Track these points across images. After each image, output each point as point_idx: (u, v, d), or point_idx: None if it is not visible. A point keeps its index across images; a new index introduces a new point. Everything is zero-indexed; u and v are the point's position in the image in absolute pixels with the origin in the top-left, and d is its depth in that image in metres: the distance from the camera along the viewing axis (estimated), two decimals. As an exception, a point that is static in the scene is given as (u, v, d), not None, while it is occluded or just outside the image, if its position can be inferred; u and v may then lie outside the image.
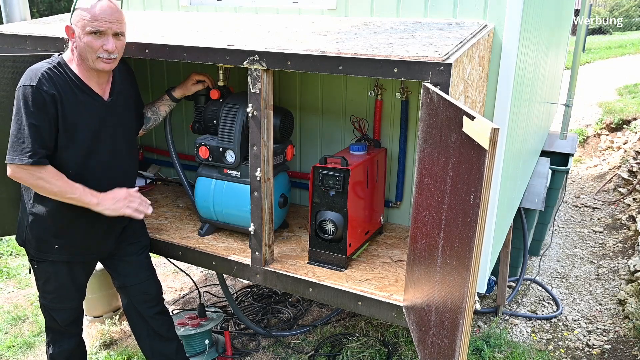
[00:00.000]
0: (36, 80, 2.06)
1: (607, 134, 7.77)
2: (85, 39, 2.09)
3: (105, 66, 2.16)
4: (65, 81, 2.14)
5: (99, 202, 2.18)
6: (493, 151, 1.24)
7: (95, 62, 2.13)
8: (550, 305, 4.07)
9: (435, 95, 1.69)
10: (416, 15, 2.51)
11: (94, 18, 2.07)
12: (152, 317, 2.61)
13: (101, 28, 2.08)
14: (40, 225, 2.27)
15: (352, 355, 3.33)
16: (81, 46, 2.11)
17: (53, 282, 2.38)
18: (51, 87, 2.08)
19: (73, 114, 2.14)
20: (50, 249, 2.30)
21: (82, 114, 2.17)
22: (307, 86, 3.10)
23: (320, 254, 2.52)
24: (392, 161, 2.97)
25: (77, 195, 2.14)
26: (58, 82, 2.11)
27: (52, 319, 2.48)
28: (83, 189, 2.16)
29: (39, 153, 2.05)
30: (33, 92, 2.04)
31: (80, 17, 2.08)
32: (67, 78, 2.15)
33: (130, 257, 2.55)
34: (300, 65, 2.08)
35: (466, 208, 1.39)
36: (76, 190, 2.14)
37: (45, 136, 2.08)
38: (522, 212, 4.02)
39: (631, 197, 5.90)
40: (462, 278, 1.41)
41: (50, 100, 2.07)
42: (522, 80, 2.66)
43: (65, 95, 2.12)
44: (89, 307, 3.59)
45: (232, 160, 2.68)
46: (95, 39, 2.09)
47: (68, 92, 2.13)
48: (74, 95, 2.15)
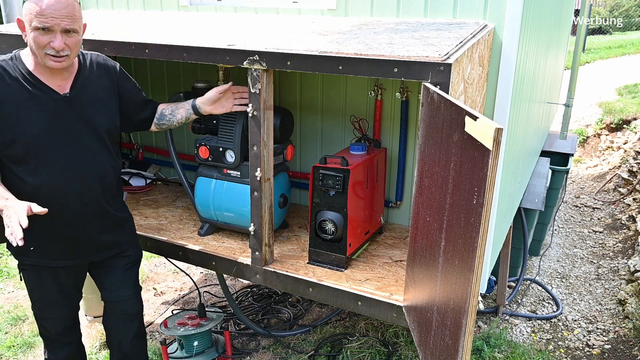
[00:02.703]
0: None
1: (607, 134, 7.78)
2: (32, 34, 1.97)
3: (55, 64, 2.02)
4: (13, 76, 2.05)
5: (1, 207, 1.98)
6: (496, 151, 1.23)
7: (44, 58, 2.01)
8: (550, 305, 4.07)
9: (436, 95, 1.68)
10: (416, 15, 2.51)
11: (40, 13, 1.93)
12: (128, 342, 2.51)
13: (47, 24, 1.94)
14: None
15: (352, 355, 3.33)
16: (29, 42, 2.00)
17: (38, 289, 2.32)
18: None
19: (19, 109, 2.04)
20: (26, 251, 2.21)
21: (31, 109, 2.06)
22: (307, 86, 3.09)
23: (320, 254, 2.52)
24: (392, 161, 2.97)
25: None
26: (4, 78, 2.03)
27: (43, 327, 2.42)
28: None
29: None
30: None
31: (28, 10, 1.95)
32: (18, 72, 2.06)
33: (116, 272, 2.43)
34: (300, 65, 2.08)
35: (469, 208, 1.38)
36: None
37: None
38: (522, 212, 4.02)
39: (631, 197, 5.91)
40: (465, 278, 1.41)
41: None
42: (522, 80, 2.66)
43: (10, 90, 2.03)
44: (89, 307, 3.58)
45: (232, 160, 2.67)
46: (42, 35, 1.96)
47: (15, 88, 2.04)
48: (24, 90, 2.05)
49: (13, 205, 1.97)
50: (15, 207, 1.96)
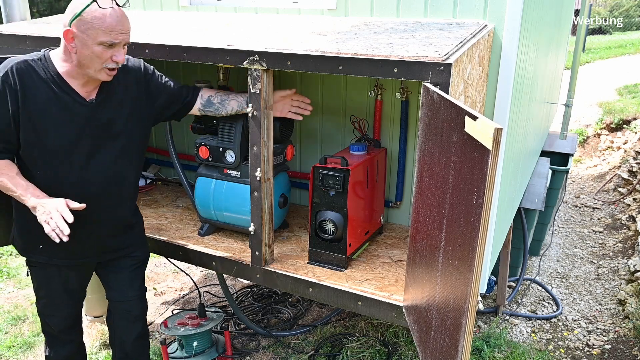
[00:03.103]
0: (3, 72, 1.99)
1: (607, 134, 7.78)
2: (95, 49, 1.96)
3: (108, 78, 2.06)
4: (42, 77, 2.03)
5: (34, 205, 2.01)
6: (496, 151, 1.23)
7: (99, 72, 2.02)
8: (550, 305, 4.07)
9: (436, 95, 1.69)
10: (416, 15, 2.51)
11: (109, 29, 1.94)
12: (130, 342, 2.52)
13: (116, 40, 1.97)
14: (24, 223, 2.20)
15: (352, 355, 3.33)
16: (85, 54, 1.98)
17: (44, 287, 2.33)
18: (16, 82, 1.99)
19: (43, 111, 2.04)
20: (35, 248, 2.22)
21: (56, 113, 2.06)
22: (307, 86, 3.09)
23: (320, 254, 2.52)
24: (392, 161, 2.97)
25: (17, 192, 2.03)
26: (31, 77, 2.02)
27: (46, 324, 2.42)
28: (26, 188, 2.03)
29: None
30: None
31: (90, 25, 1.93)
32: (47, 74, 2.04)
33: (122, 272, 2.43)
34: (300, 65, 2.08)
35: (469, 208, 1.38)
36: (18, 188, 2.03)
37: (3, 131, 2.01)
38: (522, 212, 4.02)
39: (631, 197, 5.91)
40: (464, 278, 1.41)
41: (12, 94, 1.98)
42: (522, 80, 2.66)
43: (37, 91, 2.02)
44: (90, 307, 3.58)
45: (232, 160, 2.67)
46: (106, 50, 1.97)
47: (43, 88, 2.03)
48: (51, 92, 2.04)
49: (49, 202, 2.01)
50: (52, 203, 1.99)
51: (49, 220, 1.97)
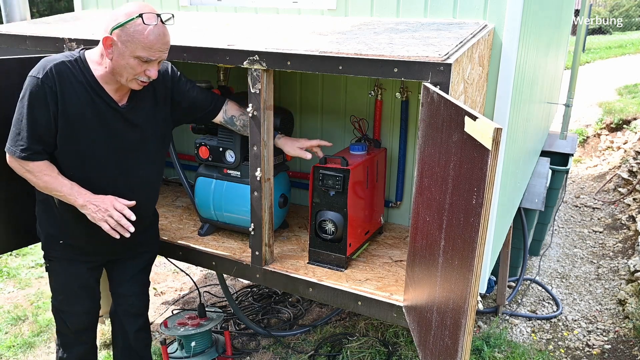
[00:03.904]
0: (43, 73, 1.98)
1: (607, 134, 7.78)
2: (130, 61, 1.97)
3: (138, 87, 2.08)
4: (78, 79, 2.04)
5: (84, 204, 2.06)
6: (496, 151, 1.23)
7: (130, 82, 2.04)
8: (550, 305, 4.07)
9: (436, 95, 1.69)
10: (416, 15, 2.51)
11: (148, 46, 1.95)
12: (132, 333, 2.55)
13: (153, 57, 1.99)
14: (46, 217, 2.24)
15: (352, 355, 3.33)
16: (120, 64, 1.99)
17: (62, 283, 2.34)
18: (56, 83, 1.99)
19: (79, 113, 2.05)
20: (56, 244, 2.25)
21: (90, 116, 2.08)
22: (307, 86, 3.10)
23: (320, 254, 2.52)
24: (392, 161, 2.97)
25: (63, 192, 2.06)
26: (68, 78, 2.02)
27: (63, 323, 2.41)
28: (71, 187, 2.06)
29: (32, 149, 2.01)
30: (37, 84, 1.97)
31: (132, 38, 1.94)
32: (82, 76, 2.05)
33: (130, 267, 2.46)
34: (300, 65, 2.08)
35: (468, 208, 1.38)
36: (63, 187, 2.06)
37: (42, 132, 2.02)
38: (522, 212, 4.02)
39: (631, 197, 5.91)
40: (464, 278, 1.41)
41: (51, 96, 1.99)
42: (522, 80, 2.66)
43: (74, 93, 2.03)
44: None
45: (232, 160, 2.67)
46: (141, 64, 1.99)
47: (79, 90, 2.04)
48: (86, 95, 2.05)
49: (99, 200, 2.08)
50: (106, 201, 2.08)
51: (107, 219, 2.06)
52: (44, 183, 2.06)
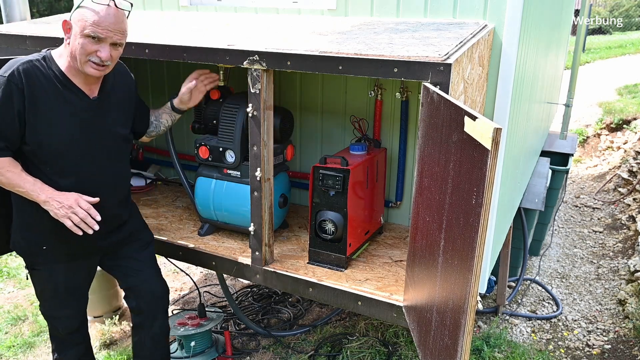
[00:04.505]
0: (9, 71, 2.00)
1: (607, 134, 7.78)
2: (81, 41, 1.99)
3: (94, 72, 2.06)
4: (46, 76, 2.06)
5: (46, 200, 2.05)
6: (495, 151, 1.23)
7: (84, 65, 2.03)
8: (550, 305, 4.07)
9: (436, 95, 1.69)
10: (416, 15, 2.51)
11: (96, 23, 1.97)
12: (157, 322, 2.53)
13: (101, 35, 1.99)
14: (27, 226, 2.22)
15: (352, 355, 3.33)
16: (74, 45, 2.01)
17: (48, 289, 2.32)
18: (22, 81, 2.00)
19: (50, 109, 2.06)
20: (39, 250, 2.23)
21: (62, 111, 2.09)
22: (307, 86, 3.09)
23: (320, 254, 2.52)
24: (392, 161, 2.97)
25: (25, 189, 2.05)
26: (36, 76, 2.03)
27: (54, 327, 2.42)
28: (34, 184, 2.06)
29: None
30: (2, 83, 1.98)
31: (82, 16, 1.98)
32: (50, 72, 2.07)
33: (132, 256, 2.45)
34: (300, 65, 2.08)
35: (468, 208, 1.38)
36: (25, 183, 2.05)
37: (6, 129, 2.01)
38: (522, 212, 4.02)
39: (631, 197, 5.91)
40: (464, 278, 1.41)
41: (17, 94, 2.00)
42: (522, 80, 2.66)
43: (42, 90, 2.04)
44: (89, 307, 3.58)
45: (232, 160, 2.67)
46: (91, 43, 2.00)
47: (48, 87, 2.05)
48: (55, 91, 2.07)
49: (63, 197, 2.06)
50: (69, 197, 2.06)
51: (71, 216, 2.04)
52: (6, 179, 2.06)
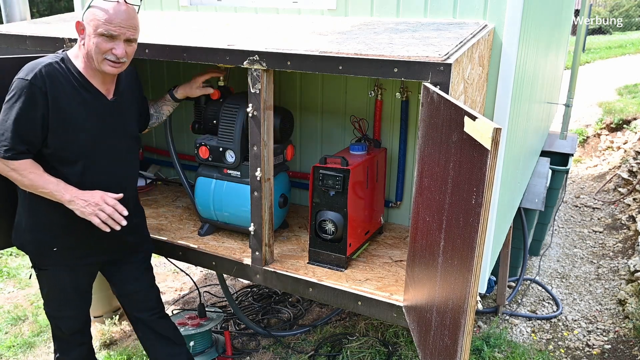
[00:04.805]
0: (32, 74, 2.00)
1: (607, 134, 7.78)
2: (95, 40, 2.01)
3: (111, 69, 2.09)
4: (66, 78, 2.07)
5: (72, 199, 2.07)
6: (495, 151, 1.23)
7: (101, 63, 2.06)
8: (550, 305, 4.07)
9: (436, 95, 1.69)
10: (416, 15, 2.51)
11: (108, 20, 1.99)
12: (155, 321, 2.57)
13: (114, 32, 2.01)
14: (38, 227, 2.22)
15: (352, 355, 3.33)
16: (89, 45, 2.04)
17: (55, 289, 2.33)
18: (45, 84, 2.01)
19: (72, 112, 2.08)
20: (49, 252, 2.24)
21: (82, 112, 2.11)
22: (307, 86, 3.09)
23: (320, 254, 2.52)
24: (392, 161, 2.97)
25: (48, 189, 2.06)
26: (57, 79, 2.05)
27: (57, 328, 2.43)
28: (57, 184, 2.07)
29: (16, 149, 2.01)
30: (25, 86, 1.99)
31: (94, 16, 2.00)
32: (70, 75, 2.08)
33: (132, 265, 2.48)
34: (300, 65, 2.08)
35: (468, 208, 1.38)
36: (49, 184, 2.06)
37: (29, 133, 2.02)
38: (522, 212, 4.02)
39: (631, 197, 5.91)
40: (463, 278, 1.41)
41: (41, 97, 2.01)
42: (522, 80, 2.66)
43: (63, 92, 2.05)
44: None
45: (232, 160, 2.67)
46: (106, 42, 2.02)
47: (68, 89, 2.07)
48: (76, 93, 2.09)
49: (88, 195, 2.09)
50: (95, 196, 2.09)
51: (98, 213, 2.08)
52: (30, 181, 2.06)
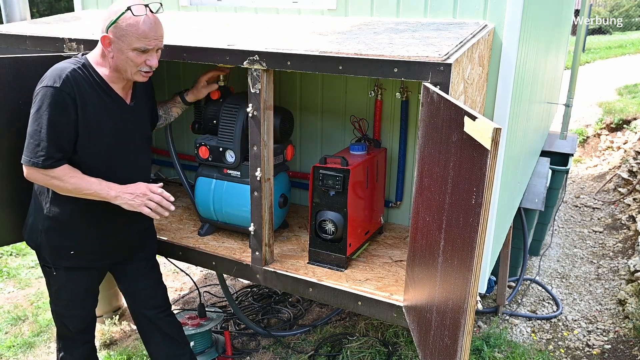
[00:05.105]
0: (60, 81, 2.00)
1: (607, 134, 7.78)
2: (130, 54, 2.05)
3: (144, 79, 2.15)
4: (89, 83, 2.09)
5: (117, 195, 2.12)
6: (495, 151, 1.23)
7: (135, 75, 2.11)
8: (550, 305, 4.07)
9: (436, 95, 1.69)
10: (416, 15, 2.51)
11: (142, 36, 2.02)
12: (161, 319, 2.59)
13: (149, 46, 2.05)
14: (56, 230, 2.22)
15: (352, 355, 3.33)
16: (121, 59, 2.06)
17: (65, 289, 2.35)
18: (74, 90, 2.03)
19: (97, 117, 2.10)
20: (66, 254, 2.25)
21: (106, 117, 2.13)
22: (307, 86, 3.09)
23: (320, 254, 2.52)
24: (392, 161, 2.97)
25: (93, 190, 2.09)
26: (82, 84, 2.06)
27: (63, 326, 2.44)
28: (99, 183, 2.11)
29: (53, 157, 2.02)
30: (56, 94, 1.99)
31: (125, 32, 2.01)
32: (92, 80, 2.10)
33: (140, 262, 2.50)
34: (300, 65, 2.08)
35: (468, 208, 1.38)
36: (92, 185, 2.09)
37: (63, 140, 2.04)
38: (522, 212, 4.02)
39: (631, 197, 5.91)
40: (463, 278, 1.41)
41: (72, 103, 2.02)
42: (522, 80, 2.66)
43: (88, 98, 2.07)
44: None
45: (232, 160, 2.68)
46: (140, 55, 2.06)
47: (92, 95, 2.09)
48: (99, 98, 2.11)
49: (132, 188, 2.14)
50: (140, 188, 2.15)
51: (147, 202, 2.13)
52: (72, 185, 2.08)
